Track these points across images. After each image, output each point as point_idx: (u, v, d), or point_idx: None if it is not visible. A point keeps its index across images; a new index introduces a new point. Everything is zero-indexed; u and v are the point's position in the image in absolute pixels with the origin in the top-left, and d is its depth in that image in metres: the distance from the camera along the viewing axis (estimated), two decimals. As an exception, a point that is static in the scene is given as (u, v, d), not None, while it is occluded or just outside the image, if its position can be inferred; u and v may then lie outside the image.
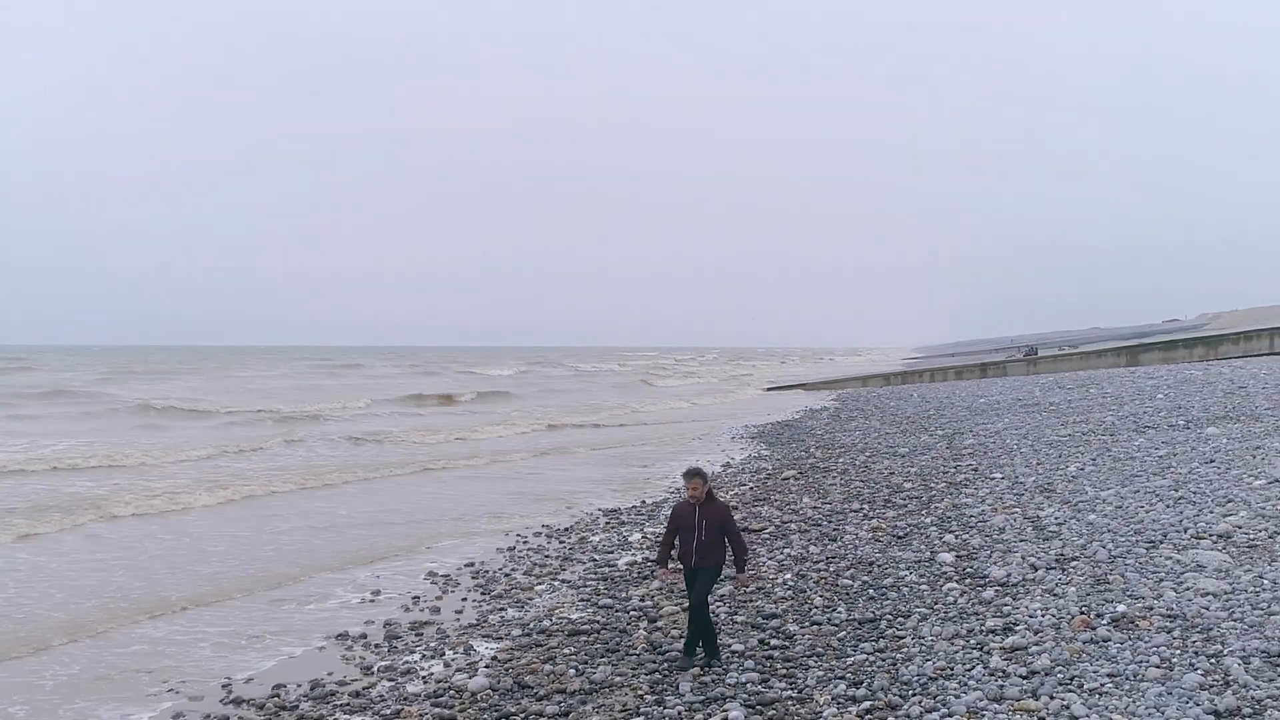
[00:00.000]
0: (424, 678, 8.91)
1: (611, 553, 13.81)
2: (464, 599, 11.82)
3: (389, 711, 8.04)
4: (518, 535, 15.59)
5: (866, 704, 7.23)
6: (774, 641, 9.02)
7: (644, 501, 18.43)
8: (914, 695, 7.28)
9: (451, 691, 8.42)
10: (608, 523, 16.34)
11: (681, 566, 8.69)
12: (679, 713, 7.53)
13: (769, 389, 64.29)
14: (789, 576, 11.38)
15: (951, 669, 7.68)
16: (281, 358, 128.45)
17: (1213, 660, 7.06)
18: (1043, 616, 8.54)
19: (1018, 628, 8.38)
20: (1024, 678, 7.26)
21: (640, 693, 8.01)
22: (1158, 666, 7.07)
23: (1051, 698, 6.80)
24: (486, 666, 9.00)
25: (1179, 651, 7.31)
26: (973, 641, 8.25)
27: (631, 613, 10.44)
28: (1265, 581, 8.60)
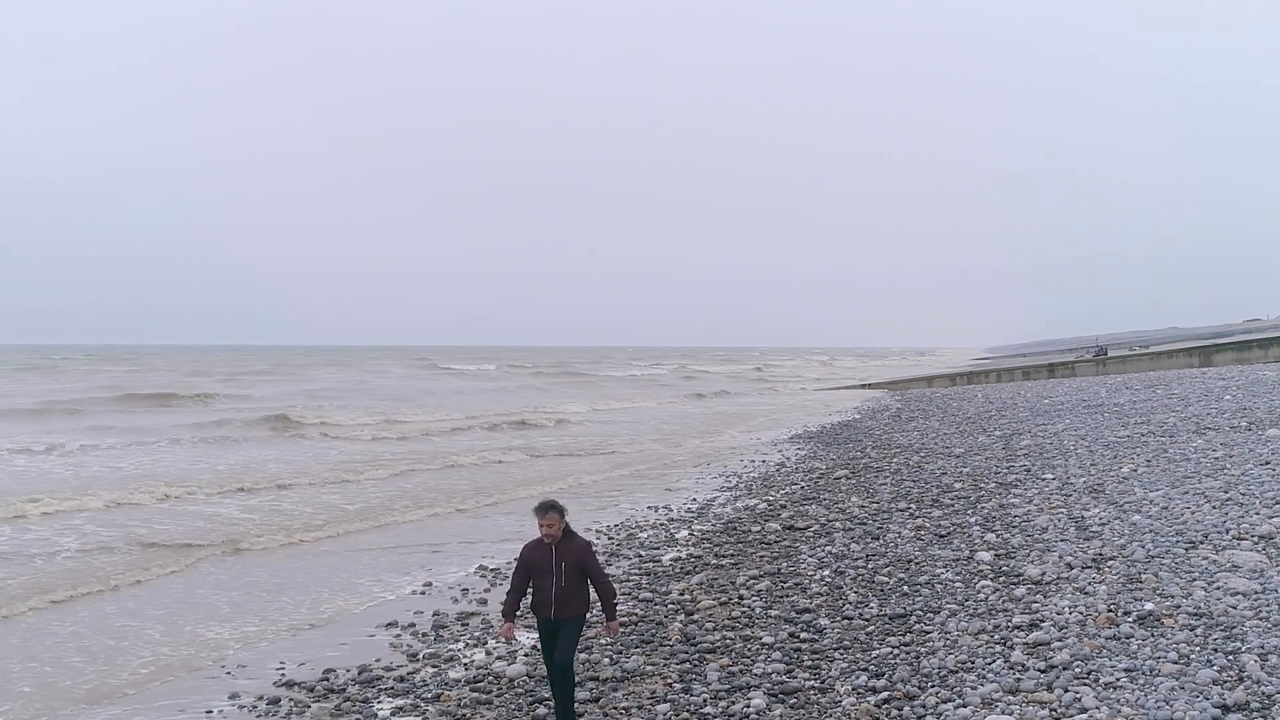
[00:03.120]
0: (465, 664, 9.31)
1: (658, 548, 14.09)
2: (511, 592, 12.19)
3: (430, 695, 8.45)
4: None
5: (885, 694, 7.44)
6: (804, 635, 9.24)
7: (694, 499, 18.70)
8: (932, 687, 7.46)
9: (490, 677, 8.80)
10: (657, 519, 16.63)
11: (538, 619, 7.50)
12: (704, 699, 7.81)
13: (837, 388, 64.07)
14: (827, 573, 11.56)
15: (972, 662, 7.85)
16: (384, 356, 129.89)
17: (1230, 657, 7.13)
18: (1070, 613, 8.65)
19: (1043, 624, 8.49)
20: (1042, 671, 7.40)
21: (669, 681, 8.30)
22: (1174, 662, 7.17)
23: (1066, 690, 6.95)
24: (525, 655, 9.36)
25: (1198, 648, 7.39)
26: (997, 637, 8.40)
27: (670, 606, 10.72)
28: (1298, 582, 8.61)
